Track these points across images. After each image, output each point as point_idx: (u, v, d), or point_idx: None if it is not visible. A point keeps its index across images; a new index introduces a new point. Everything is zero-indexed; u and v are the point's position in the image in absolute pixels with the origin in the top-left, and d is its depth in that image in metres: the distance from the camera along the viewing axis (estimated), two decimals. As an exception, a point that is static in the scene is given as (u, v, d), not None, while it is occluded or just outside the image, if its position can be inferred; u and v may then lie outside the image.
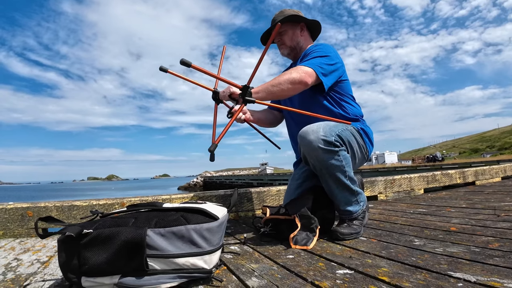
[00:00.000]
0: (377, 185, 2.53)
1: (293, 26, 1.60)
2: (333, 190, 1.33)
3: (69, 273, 0.78)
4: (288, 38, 1.60)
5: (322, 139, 1.25)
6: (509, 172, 3.87)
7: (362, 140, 1.49)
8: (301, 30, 1.62)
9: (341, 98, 1.53)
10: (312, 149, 1.27)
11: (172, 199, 1.81)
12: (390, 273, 0.84)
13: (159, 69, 1.39)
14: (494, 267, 0.84)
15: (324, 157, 1.27)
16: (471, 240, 1.14)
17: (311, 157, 1.30)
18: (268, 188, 2.08)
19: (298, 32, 1.61)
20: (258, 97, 1.29)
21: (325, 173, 1.31)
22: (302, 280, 0.84)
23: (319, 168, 1.31)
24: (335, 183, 1.31)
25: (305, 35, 1.64)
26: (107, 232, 0.79)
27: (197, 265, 0.83)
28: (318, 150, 1.25)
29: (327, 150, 1.26)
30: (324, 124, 1.32)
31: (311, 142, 1.26)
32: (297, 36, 1.61)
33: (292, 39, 1.60)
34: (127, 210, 0.99)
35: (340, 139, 1.31)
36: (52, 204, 1.67)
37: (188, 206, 0.95)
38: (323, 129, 1.28)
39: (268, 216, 1.37)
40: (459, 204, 2.02)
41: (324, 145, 1.25)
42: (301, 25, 1.62)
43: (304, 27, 1.63)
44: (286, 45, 1.61)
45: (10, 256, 1.23)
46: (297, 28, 1.61)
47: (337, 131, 1.32)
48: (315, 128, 1.29)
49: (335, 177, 1.30)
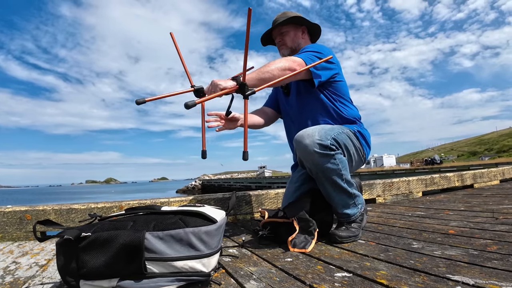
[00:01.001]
0: (376, 188, 2.53)
1: (295, 28, 1.63)
2: (331, 194, 1.34)
3: (68, 276, 0.78)
4: (290, 39, 1.62)
5: (318, 143, 1.25)
6: (507, 175, 3.88)
7: (358, 143, 1.50)
8: (302, 33, 1.65)
9: (337, 99, 1.54)
10: (308, 153, 1.27)
11: (171, 202, 1.80)
12: (388, 276, 0.85)
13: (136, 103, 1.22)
14: (492, 270, 0.85)
15: (320, 161, 1.27)
16: (469, 243, 1.14)
17: (307, 161, 1.31)
18: (267, 191, 2.08)
19: (299, 34, 1.64)
20: (252, 85, 1.22)
21: (321, 177, 1.31)
22: (301, 283, 0.84)
23: (316, 172, 1.31)
24: (332, 186, 1.32)
25: (305, 38, 1.67)
26: (105, 235, 0.79)
27: (196, 268, 0.83)
28: (314, 154, 1.26)
29: (323, 154, 1.26)
30: (319, 128, 1.32)
31: (307, 146, 1.26)
32: (298, 38, 1.63)
33: (294, 40, 1.62)
34: (126, 213, 0.99)
35: (336, 143, 1.31)
36: (50, 207, 1.67)
37: (187, 209, 0.95)
38: (318, 132, 1.28)
39: (266, 219, 1.37)
40: (457, 207, 2.03)
41: (320, 149, 1.25)
42: (302, 28, 1.65)
43: (306, 30, 1.66)
44: (287, 46, 1.63)
45: (8, 260, 1.23)
46: (299, 30, 1.64)
47: (333, 135, 1.32)
48: (311, 132, 1.29)
49: (331, 180, 1.30)
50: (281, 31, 1.62)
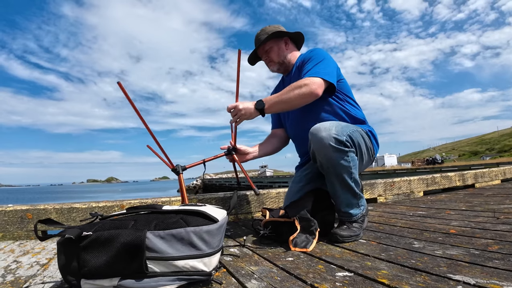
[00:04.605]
0: (377, 187, 2.53)
1: (278, 42, 1.61)
2: (337, 191, 1.33)
3: (69, 275, 0.78)
4: (275, 54, 1.61)
5: (334, 137, 1.25)
6: (508, 174, 3.87)
7: (370, 143, 1.50)
8: (285, 44, 1.63)
9: (343, 99, 1.53)
10: (323, 146, 1.27)
11: (172, 201, 1.81)
12: (389, 275, 0.84)
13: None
14: (493, 269, 0.84)
15: (333, 155, 1.27)
16: (470, 242, 1.14)
17: (320, 154, 1.30)
18: (268, 191, 2.08)
19: (283, 47, 1.62)
20: (270, 112, 1.39)
21: (331, 172, 1.31)
22: (302, 283, 0.84)
23: (327, 166, 1.30)
24: (340, 183, 1.31)
25: (290, 48, 1.65)
26: (106, 234, 0.79)
27: (197, 267, 0.83)
28: (329, 147, 1.26)
29: (337, 149, 1.26)
30: (336, 123, 1.33)
31: (323, 138, 1.26)
32: (283, 51, 1.62)
33: (279, 54, 1.61)
34: (127, 212, 0.99)
35: (350, 140, 1.32)
36: (51, 206, 1.67)
37: (188, 209, 0.95)
38: (335, 127, 1.29)
39: (267, 218, 1.37)
40: (458, 206, 2.02)
41: (335, 143, 1.25)
42: (285, 39, 1.63)
43: (288, 40, 1.64)
44: (274, 62, 1.62)
45: (9, 259, 1.23)
46: (281, 43, 1.62)
47: (349, 132, 1.33)
48: (328, 125, 1.29)
49: (341, 177, 1.30)
50: (265, 49, 1.61)
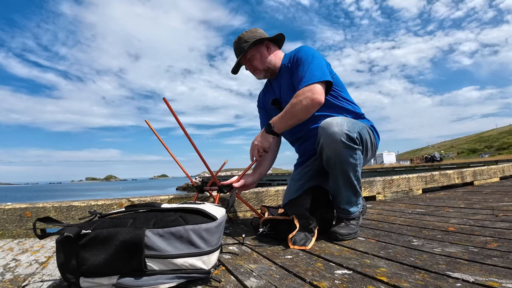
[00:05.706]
0: (376, 185, 2.54)
1: (259, 48, 1.54)
2: (340, 187, 1.33)
3: (68, 273, 0.78)
4: (258, 62, 1.55)
5: (346, 133, 1.25)
6: (507, 172, 3.89)
7: (374, 138, 1.50)
8: (267, 49, 1.56)
9: (339, 94, 1.51)
10: (333, 141, 1.26)
11: (171, 199, 1.81)
12: (388, 273, 0.85)
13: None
14: (492, 267, 0.85)
15: (343, 151, 1.26)
16: (469, 240, 1.14)
17: (329, 149, 1.28)
18: (267, 189, 2.08)
19: (265, 53, 1.55)
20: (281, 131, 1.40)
21: (337, 168, 1.30)
22: (301, 280, 0.84)
23: (334, 161, 1.29)
24: (344, 180, 1.31)
25: (272, 50, 1.58)
26: (105, 232, 0.78)
27: (196, 265, 0.83)
28: (340, 143, 1.25)
29: (348, 146, 1.26)
30: (347, 119, 1.33)
31: (334, 133, 1.25)
32: (266, 57, 1.55)
33: (263, 61, 1.55)
34: (126, 210, 0.99)
35: (360, 137, 1.32)
36: (50, 204, 1.67)
37: (187, 207, 0.95)
38: (347, 123, 1.28)
39: (266, 216, 1.37)
40: (457, 204, 2.03)
41: (347, 139, 1.25)
42: (265, 44, 1.56)
43: (269, 43, 1.57)
44: (259, 69, 1.56)
45: (8, 257, 1.23)
46: (263, 49, 1.55)
47: (358, 129, 1.33)
48: (339, 121, 1.28)
49: (346, 174, 1.30)
50: (247, 58, 1.55)
